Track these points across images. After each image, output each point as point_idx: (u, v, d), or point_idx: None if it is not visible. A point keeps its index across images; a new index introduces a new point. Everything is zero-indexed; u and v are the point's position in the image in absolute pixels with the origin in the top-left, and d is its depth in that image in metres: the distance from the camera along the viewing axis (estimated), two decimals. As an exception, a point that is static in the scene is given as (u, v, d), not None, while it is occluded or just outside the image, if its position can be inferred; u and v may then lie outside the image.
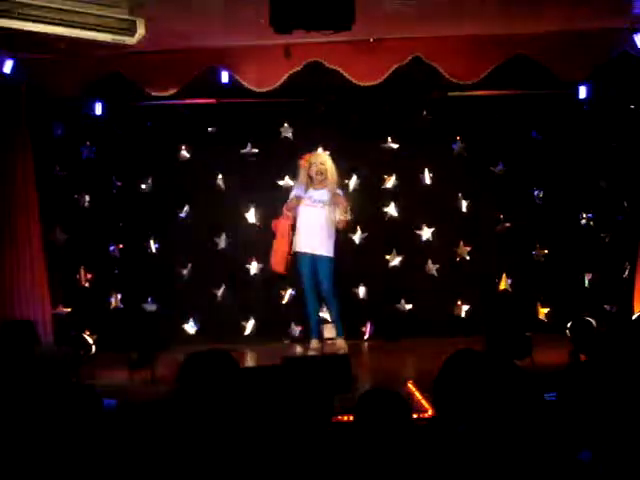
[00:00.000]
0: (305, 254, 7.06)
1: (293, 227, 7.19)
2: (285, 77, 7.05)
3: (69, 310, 7.98)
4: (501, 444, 2.58)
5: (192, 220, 8.28)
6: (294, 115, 8.25)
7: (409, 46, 7.00)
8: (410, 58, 7.00)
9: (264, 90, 7.16)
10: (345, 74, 7.03)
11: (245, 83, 7.19)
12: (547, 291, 8.16)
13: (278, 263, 7.23)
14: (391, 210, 8.29)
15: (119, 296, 8.22)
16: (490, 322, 7.44)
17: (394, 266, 8.27)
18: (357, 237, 8.19)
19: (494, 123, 8.16)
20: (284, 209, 7.21)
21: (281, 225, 7.21)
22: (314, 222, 7.05)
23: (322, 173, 7.04)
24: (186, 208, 8.28)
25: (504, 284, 8.15)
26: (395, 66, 7.01)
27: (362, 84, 7.11)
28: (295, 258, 7.14)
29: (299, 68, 7.02)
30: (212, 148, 8.26)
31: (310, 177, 7.09)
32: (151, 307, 8.23)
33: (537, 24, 6.63)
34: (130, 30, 5.92)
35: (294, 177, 7.65)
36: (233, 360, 2.85)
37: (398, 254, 8.26)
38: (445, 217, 8.26)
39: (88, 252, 8.16)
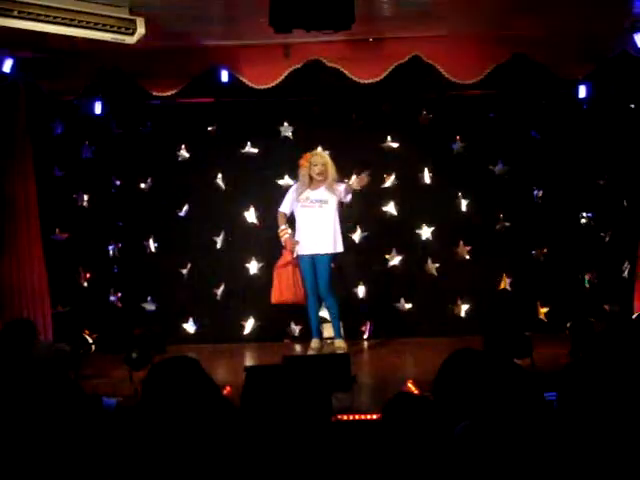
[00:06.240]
0: (306, 255, 7.06)
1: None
2: (285, 74, 7.05)
3: (69, 309, 7.97)
4: (501, 444, 2.58)
5: (192, 219, 8.28)
6: (294, 114, 8.25)
7: (409, 46, 7.00)
8: (409, 57, 7.00)
9: (263, 87, 7.16)
10: (345, 72, 7.02)
11: (244, 79, 7.17)
12: (547, 291, 8.15)
13: (284, 293, 7.03)
14: (391, 209, 8.28)
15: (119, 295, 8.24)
16: (490, 322, 7.45)
17: (394, 266, 8.27)
18: (357, 237, 8.19)
19: (494, 123, 8.16)
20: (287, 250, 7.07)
21: (285, 258, 7.06)
22: (312, 222, 7.03)
23: (322, 173, 7.04)
24: (186, 207, 8.28)
25: (504, 283, 8.16)
26: (395, 64, 7.00)
27: (362, 81, 7.10)
28: (298, 260, 7.11)
29: (299, 65, 7.01)
30: (212, 148, 8.26)
31: (311, 177, 7.08)
32: (150, 306, 8.24)
33: (537, 24, 6.62)
34: (130, 29, 5.93)
35: (294, 176, 7.64)
36: (200, 367, 2.84)
37: (398, 254, 8.26)
38: (445, 217, 8.25)
39: (88, 251, 8.17)
